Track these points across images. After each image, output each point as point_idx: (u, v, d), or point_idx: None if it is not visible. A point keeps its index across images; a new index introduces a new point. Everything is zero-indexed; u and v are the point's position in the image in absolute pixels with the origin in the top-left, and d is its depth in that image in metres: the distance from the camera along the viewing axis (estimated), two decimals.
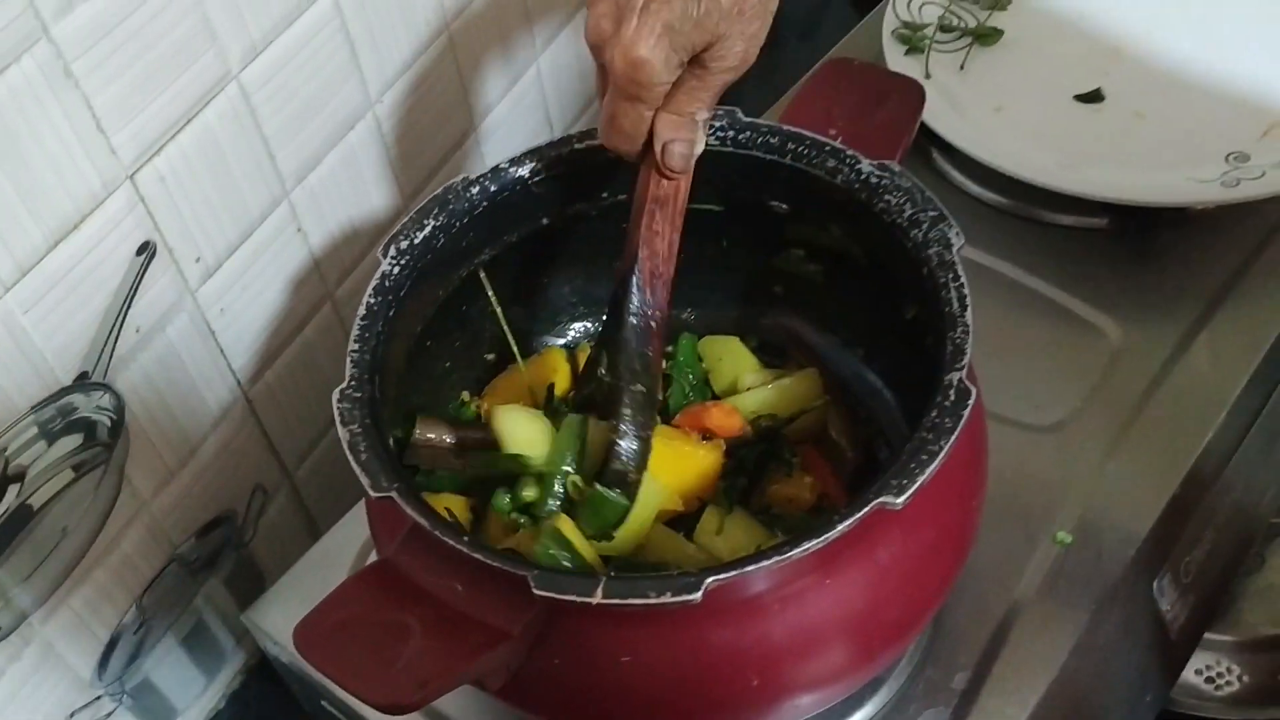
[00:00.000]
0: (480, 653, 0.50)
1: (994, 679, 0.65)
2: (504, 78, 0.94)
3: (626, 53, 0.55)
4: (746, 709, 0.55)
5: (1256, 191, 0.77)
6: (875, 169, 0.61)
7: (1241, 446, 0.75)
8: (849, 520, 0.49)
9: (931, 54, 0.88)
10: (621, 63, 0.55)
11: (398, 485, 0.53)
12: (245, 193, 0.74)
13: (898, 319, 0.63)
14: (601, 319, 0.76)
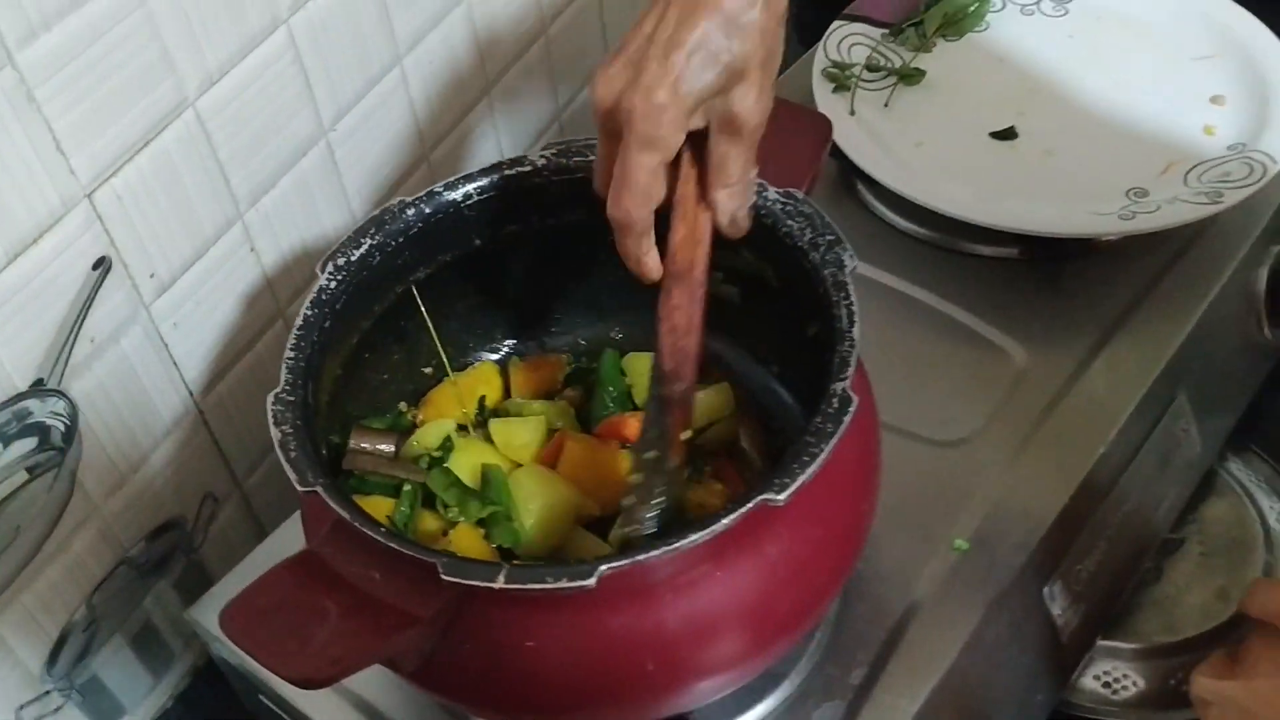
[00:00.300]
0: (392, 635, 0.54)
1: (888, 675, 0.69)
2: (456, 109, 0.99)
3: (647, 97, 0.56)
4: (644, 693, 0.59)
5: (1150, 224, 0.82)
6: (780, 196, 0.66)
7: (1134, 463, 0.80)
8: (732, 515, 0.54)
9: (857, 92, 0.93)
10: (642, 106, 0.56)
11: (322, 481, 0.57)
12: (200, 213, 0.78)
13: (803, 336, 0.68)
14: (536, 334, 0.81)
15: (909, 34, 0.97)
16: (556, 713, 0.60)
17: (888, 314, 0.87)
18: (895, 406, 0.80)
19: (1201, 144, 0.88)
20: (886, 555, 0.74)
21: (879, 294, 0.88)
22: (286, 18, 0.79)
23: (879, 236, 0.91)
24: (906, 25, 0.98)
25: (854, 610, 0.72)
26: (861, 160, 0.88)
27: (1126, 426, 0.79)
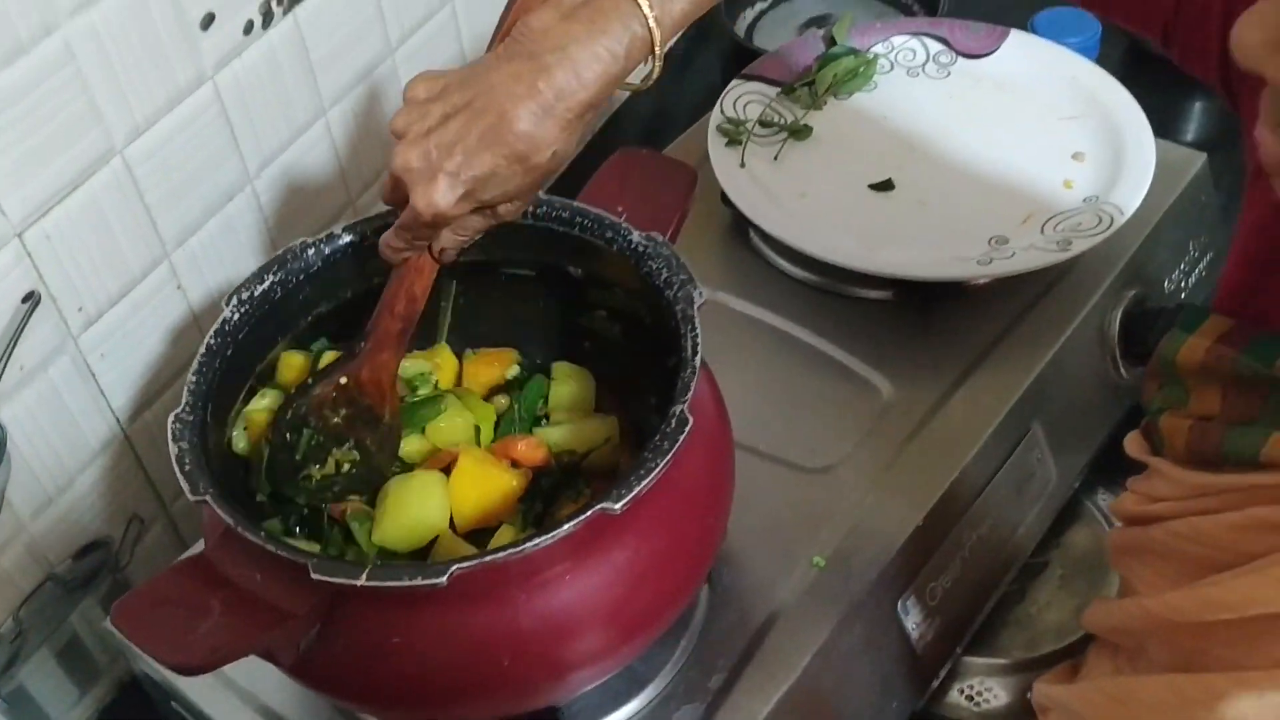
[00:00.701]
0: (268, 629, 0.60)
1: (744, 680, 0.75)
2: (381, 158, 1.06)
3: (433, 205, 0.65)
4: (504, 688, 0.65)
5: (1004, 269, 0.89)
6: (643, 239, 0.73)
7: (988, 488, 0.86)
8: (573, 522, 0.60)
9: (749, 146, 1.01)
10: (428, 213, 0.66)
11: (211, 491, 0.64)
12: (127, 252, 0.85)
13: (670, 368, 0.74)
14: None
15: (801, 93, 1.05)
16: (424, 706, 0.66)
17: (770, 352, 0.93)
18: (770, 436, 0.88)
19: (1060, 196, 0.96)
20: (751, 570, 0.80)
21: (764, 334, 0.95)
22: (212, 75, 0.86)
23: (767, 281, 0.98)
24: (799, 85, 1.05)
25: (719, 620, 0.78)
26: (748, 210, 0.95)
27: (980, 455, 0.86)
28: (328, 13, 0.94)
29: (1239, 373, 0.58)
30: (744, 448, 0.85)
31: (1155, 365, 0.64)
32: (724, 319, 0.96)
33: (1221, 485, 0.58)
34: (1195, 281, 1.04)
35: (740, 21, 1.42)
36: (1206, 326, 0.60)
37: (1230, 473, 0.57)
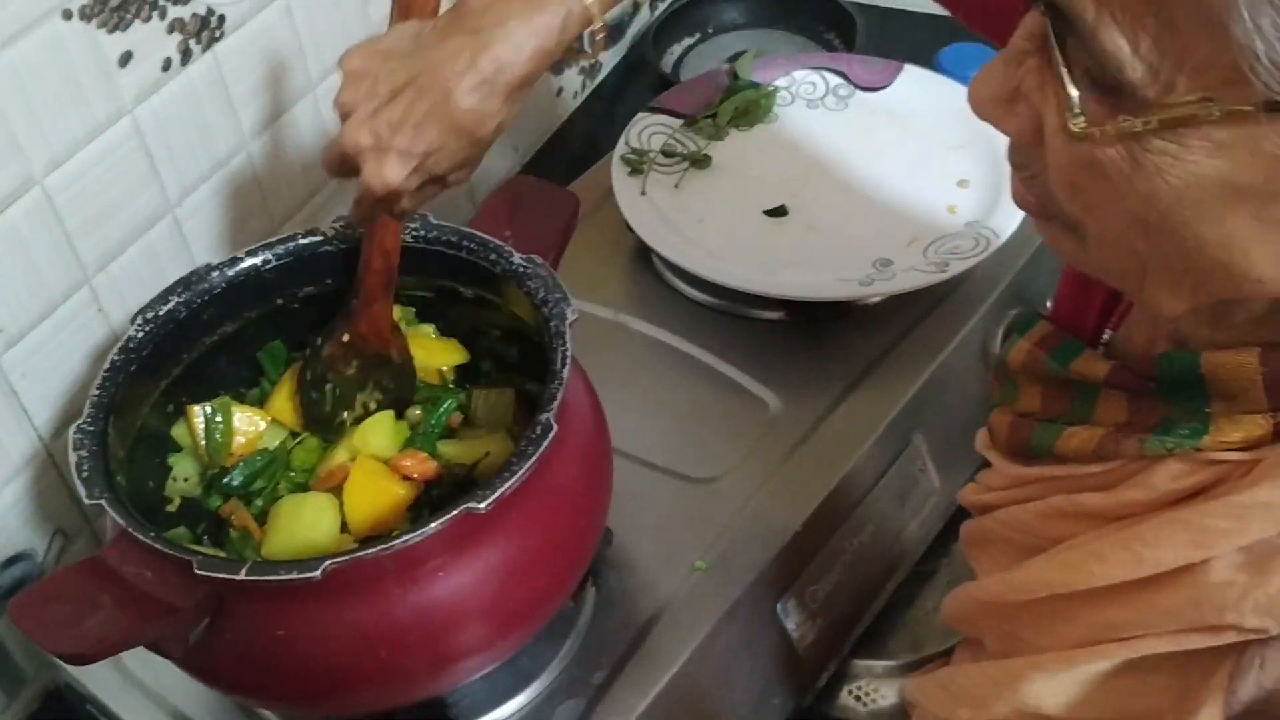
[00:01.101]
0: (155, 621, 0.64)
1: (624, 676, 0.79)
2: (304, 190, 1.11)
3: (385, 181, 0.69)
4: (383, 679, 0.69)
5: (884, 290, 0.94)
6: (523, 261, 0.78)
7: (869, 497, 0.91)
8: (440, 520, 0.64)
9: (651, 175, 1.06)
10: (379, 185, 0.69)
11: (107, 495, 0.68)
12: (48, 277, 0.89)
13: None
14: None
15: (704, 124, 1.11)
16: (310, 698, 0.70)
17: (667, 370, 0.98)
18: (661, 449, 0.92)
19: (944, 221, 1.01)
20: (636, 573, 0.85)
21: (662, 353, 1.00)
22: (131, 109, 0.91)
23: (668, 303, 1.03)
24: (703, 117, 1.11)
25: (603, 620, 0.82)
26: (647, 236, 1.00)
27: (861, 465, 0.90)
28: (248, 50, 0.99)
29: (1049, 374, 0.62)
30: (635, 459, 0.91)
31: (997, 365, 0.69)
32: (625, 339, 1.01)
33: (1031, 476, 0.62)
34: None
35: (668, 57, 1.47)
36: (1033, 331, 0.65)
37: (1037, 465, 0.62)
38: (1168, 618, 0.52)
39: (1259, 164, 0.40)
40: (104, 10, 0.85)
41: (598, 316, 1.02)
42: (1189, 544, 0.50)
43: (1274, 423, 0.50)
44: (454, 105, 0.68)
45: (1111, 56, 0.40)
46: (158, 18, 0.89)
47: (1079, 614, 0.56)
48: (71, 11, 0.82)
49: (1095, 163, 0.43)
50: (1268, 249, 0.43)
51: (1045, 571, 0.57)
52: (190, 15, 0.92)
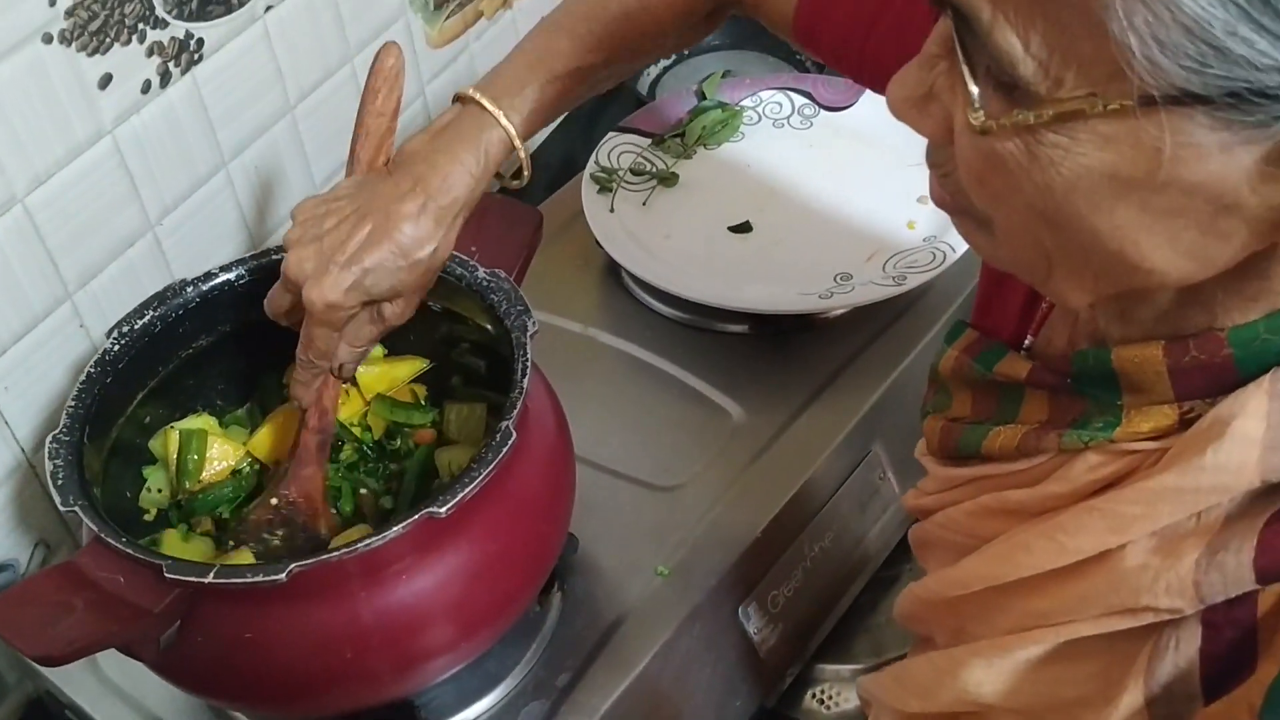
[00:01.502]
0: (125, 625, 0.67)
1: (588, 678, 0.82)
2: (284, 207, 1.14)
3: (325, 297, 0.73)
4: (349, 679, 0.71)
5: (843, 302, 0.97)
6: (487, 275, 0.81)
7: (830, 504, 0.94)
8: (401, 525, 0.67)
9: (619, 192, 1.09)
10: (320, 304, 0.73)
11: (81, 503, 0.70)
12: (29, 293, 0.92)
13: None
14: None
15: (672, 143, 1.13)
16: (279, 698, 0.73)
17: (634, 382, 1.01)
18: (627, 458, 0.95)
19: (903, 236, 1.04)
20: (601, 578, 0.87)
21: (630, 365, 1.02)
22: (111, 129, 0.93)
23: (636, 317, 1.06)
24: (670, 136, 1.14)
25: (569, 623, 0.85)
26: (615, 251, 1.03)
27: (821, 473, 0.93)
28: (227, 73, 1.01)
29: (976, 378, 0.65)
30: (602, 468, 0.93)
31: (930, 374, 0.71)
32: (594, 352, 1.04)
33: (962, 478, 0.64)
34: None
35: (644, 78, 1.50)
36: (960, 339, 0.67)
37: (967, 466, 0.65)
38: (1090, 603, 0.54)
39: (1140, 156, 0.42)
40: (84, 34, 0.87)
41: (568, 330, 1.05)
42: (1106, 531, 0.53)
43: (1180, 413, 0.52)
44: (394, 226, 0.73)
45: (1005, 54, 0.43)
46: (137, 41, 0.92)
47: (1012, 604, 0.58)
48: (52, 35, 0.85)
49: (996, 156, 0.45)
50: (1156, 239, 0.45)
51: (978, 566, 0.59)
52: (169, 39, 0.94)
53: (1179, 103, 0.40)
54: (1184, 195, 0.43)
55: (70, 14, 0.86)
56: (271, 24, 1.03)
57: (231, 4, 0.98)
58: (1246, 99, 0.39)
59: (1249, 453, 0.48)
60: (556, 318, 1.05)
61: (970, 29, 0.44)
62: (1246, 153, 0.41)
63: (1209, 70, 0.39)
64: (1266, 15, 0.38)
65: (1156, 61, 0.39)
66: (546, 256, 0.88)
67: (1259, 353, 0.49)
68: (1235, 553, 0.49)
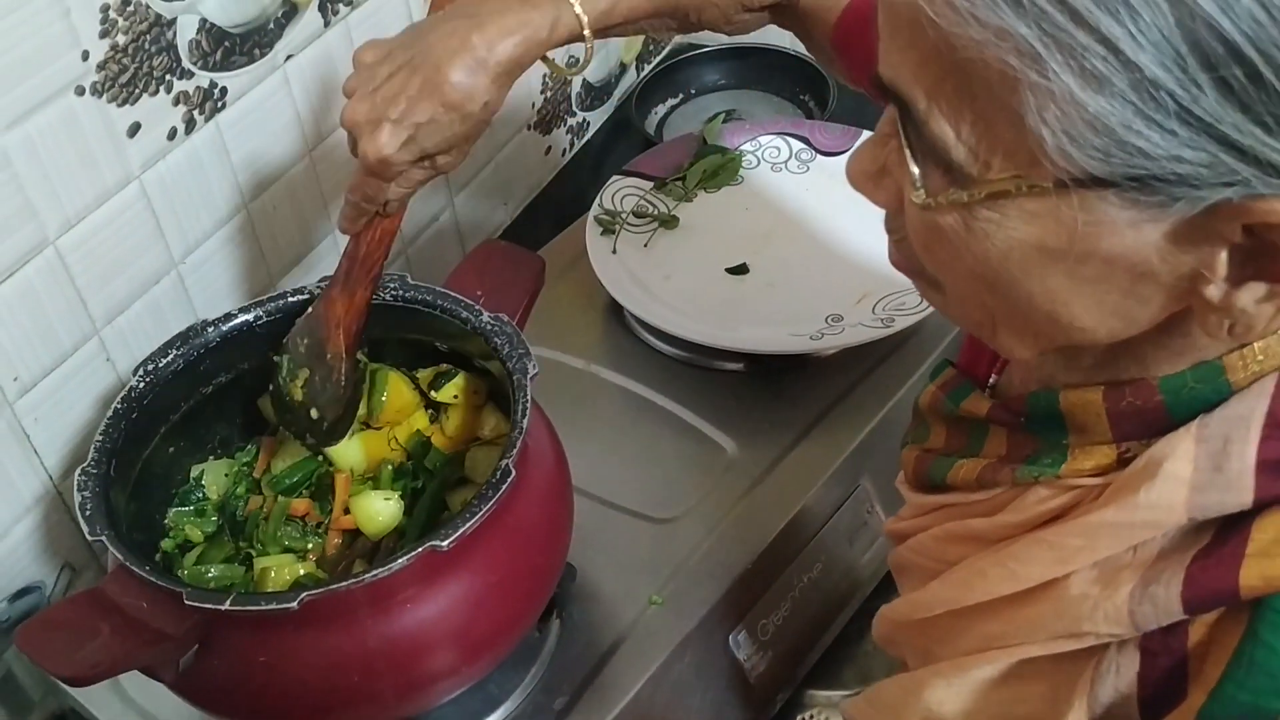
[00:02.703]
0: (148, 648, 0.71)
1: (584, 702, 0.86)
2: (301, 246, 1.19)
3: (378, 151, 0.76)
4: (357, 702, 0.76)
5: (833, 343, 1.02)
6: (491, 319, 0.85)
7: (819, 535, 0.98)
8: (406, 557, 0.71)
9: (622, 235, 1.14)
10: (374, 158, 0.76)
11: (108, 533, 0.75)
12: (59, 330, 0.97)
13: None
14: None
15: (674, 187, 1.18)
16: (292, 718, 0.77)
17: (632, 418, 1.05)
18: (624, 491, 0.99)
19: (893, 279, 1.06)
20: (598, 607, 0.91)
21: (630, 401, 1.07)
22: (138, 174, 0.98)
23: (637, 355, 1.10)
24: (672, 179, 1.19)
25: (566, 649, 0.89)
26: (617, 292, 1.08)
27: (810, 506, 0.97)
28: (248, 119, 1.06)
29: (948, 413, 0.69)
30: (600, 500, 0.98)
31: (914, 407, 0.76)
32: (595, 388, 1.08)
33: (932, 505, 0.69)
34: None
35: (651, 117, 1.55)
36: (941, 377, 0.72)
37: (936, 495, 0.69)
38: (1038, 627, 0.58)
39: (1061, 230, 0.47)
40: (114, 86, 0.93)
41: (570, 366, 1.10)
42: (1052, 561, 0.57)
43: (1119, 452, 0.56)
44: (444, 79, 0.75)
45: (939, 140, 0.48)
46: (164, 91, 0.97)
47: (971, 627, 0.62)
48: (84, 88, 0.90)
49: (938, 228, 0.50)
50: (1085, 302, 0.50)
51: (941, 590, 0.64)
52: (194, 88, 0.99)
53: (1089, 186, 0.45)
54: (1104, 265, 0.48)
55: (102, 67, 0.91)
56: (291, 72, 1.08)
57: (254, 54, 1.04)
58: (1147, 183, 0.44)
59: (1177, 492, 0.52)
60: (560, 354, 1.09)
61: (910, 117, 0.49)
62: (1153, 228, 0.46)
63: (1113, 158, 0.44)
64: (1158, 113, 0.42)
65: (1067, 151, 0.44)
66: (551, 295, 0.93)
67: (1188, 400, 0.54)
68: (1165, 585, 0.53)
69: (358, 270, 0.85)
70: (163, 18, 0.94)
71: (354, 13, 1.12)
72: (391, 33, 1.16)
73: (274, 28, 1.04)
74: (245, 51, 1.03)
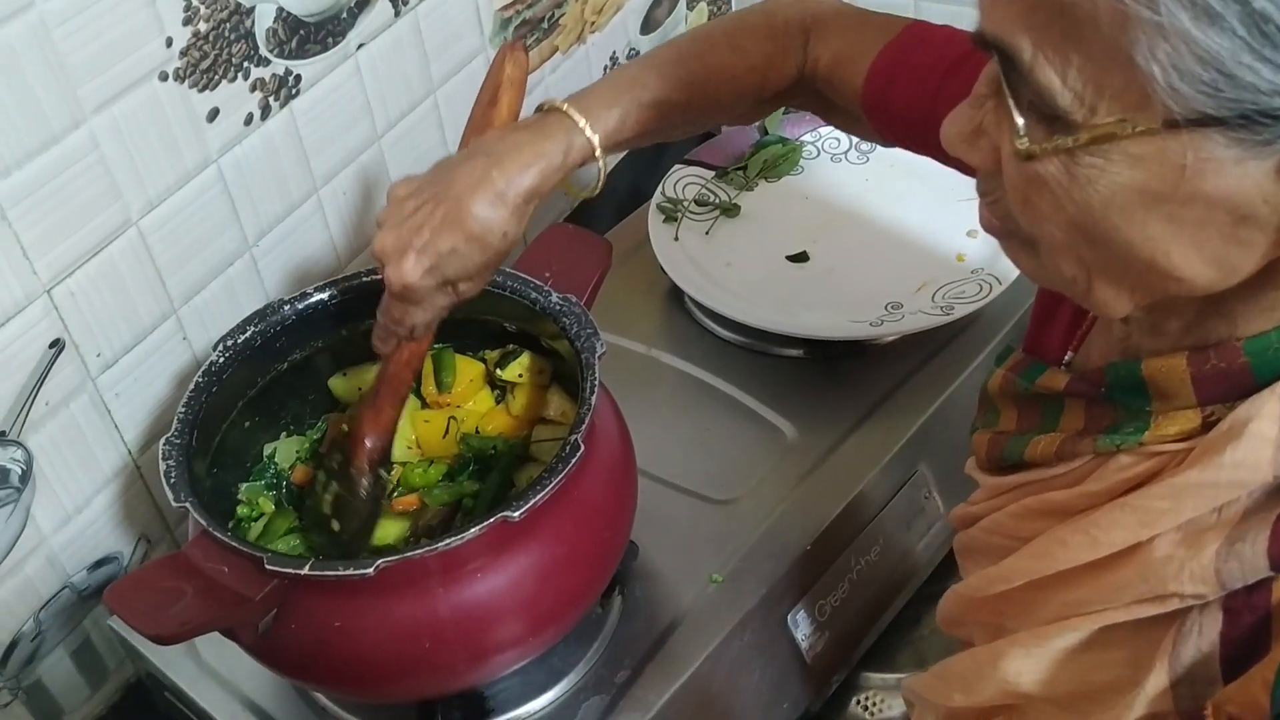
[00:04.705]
0: (230, 609, 0.74)
1: (644, 676, 0.88)
2: (366, 229, 1.21)
3: (402, 278, 0.79)
4: (426, 668, 0.78)
5: (893, 330, 1.03)
6: (560, 300, 0.87)
7: (877, 519, 0.99)
8: (478, 527, 0.74)
9: (684, 222, 1.15)
10: (398, 284, 0.80)
11: (192, 499, 0.78)
12: (140, 308, 1.00)
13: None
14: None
15: (735, 176, 1.20)
16: (362, 682, 0.79)
17: (694, 401, 1.07)
18: (686, 472, 1.01)
19: (952, 268, 1.09)
20: (660, 584, 0.93)
21: (691, 385, 1.09)
22: (216, 158, 1.01)
23: (698, 340, 1.12)
24: (733, 169, 1.20)
25: (628, 626, 0.91)
26: (679, 278, 1.09)
27: (868, 490, 0.98)
28: (321, 105, 1.09)
29: (1019, 392, 0.70)
30: (662, 481, 0.99)
31: (980, 394, 0.77)
32: (657, 372, 1.10)
33: (1008, 485, 0.69)
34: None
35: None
36: (1009, 360, 0.73)
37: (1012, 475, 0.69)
38: (1121, 591, 0.59)
39: (1166, 172, 0.48)
40: (195, 72, 0.96)
41: (633, 351, 1.11)
42: (1136, 525, 0.58)
43: (1203, 416, 0.57)
44: (466, 213, 0.78)
45: (1045, 87, 0.49)
46: (242, 78, 1.00)
47: (1050, 596, 0.63)
48: (168, 73, 0.93)
49: (1040, 178, 0.51)
50: (1185, 249, 0.51)
51: (1020, 562, 0.64)
52: (270, 75, 1.02)
53: (1198, 124, 0.46)
54: (1206, 207, 0.49)
55: (184, 54, 0.94)
56: (363, 60, 1.11)
57: (328, 43, 1.06)
58: (1255, 120, 0.45)
59: (1264, 451, 0.53)
60: (622, 339, 1.11)
61: (1014, 67, 0.50)
62: (1258, 167, 0.47)
63: (1221, 95, 0.45)
64: (1266, 47, 0.44)
65: (1177, 89, 0.45)
66: (614, 282, 0.95)
67: (1273, 361, 0.55)
68: (1251, 543, 0.54)
69: (385, 390, 0.87)
70: (242, 6, 0.96)
71: (423, 3, 1.14)
72: (458, 23, 1.19)
73: (346, 17, 1.07)
74: (319, 40, 1.05)
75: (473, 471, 0.91)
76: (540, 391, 0.95)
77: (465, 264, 0.79)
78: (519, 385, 0.95)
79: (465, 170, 0.80)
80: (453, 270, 0.80)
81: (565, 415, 0.93)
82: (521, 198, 0.79)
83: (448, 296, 0.83)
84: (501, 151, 0.80)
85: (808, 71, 0.89)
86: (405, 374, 0.87)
